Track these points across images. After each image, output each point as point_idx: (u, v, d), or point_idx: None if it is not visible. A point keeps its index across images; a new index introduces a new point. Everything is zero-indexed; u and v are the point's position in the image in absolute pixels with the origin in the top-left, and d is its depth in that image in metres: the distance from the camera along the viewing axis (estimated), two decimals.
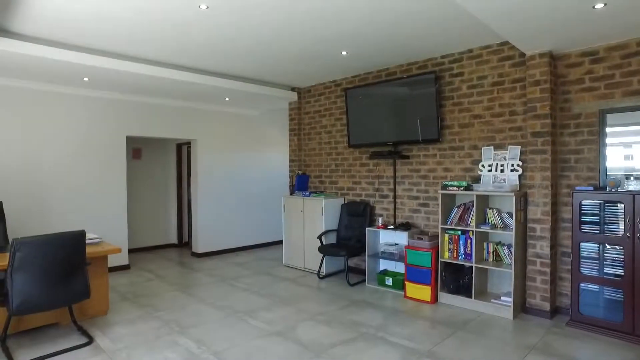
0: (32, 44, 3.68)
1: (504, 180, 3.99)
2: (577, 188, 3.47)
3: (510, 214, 3.80)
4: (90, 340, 3.21)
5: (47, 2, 2.96)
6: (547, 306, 3.67)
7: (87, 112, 5.31)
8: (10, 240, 4.04)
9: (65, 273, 3.03)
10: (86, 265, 3.19)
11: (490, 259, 3.99)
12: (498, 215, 3.94)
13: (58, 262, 2.97)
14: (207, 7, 3.08)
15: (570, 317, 3.53)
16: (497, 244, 3.96)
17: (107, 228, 5.44)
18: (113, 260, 5.39)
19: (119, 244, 5.49)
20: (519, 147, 3.92)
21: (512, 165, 3.95)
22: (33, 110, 4.88)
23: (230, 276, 5.27)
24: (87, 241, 3.51)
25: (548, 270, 3.66)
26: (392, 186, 5.00)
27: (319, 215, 5.31)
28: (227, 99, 6.08)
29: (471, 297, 3.91)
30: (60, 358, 2.96)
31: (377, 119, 4.92)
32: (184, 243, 7.52)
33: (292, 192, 5.98)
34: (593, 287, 3.44)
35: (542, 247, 3.70)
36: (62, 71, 4.31)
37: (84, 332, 3.34)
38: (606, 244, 3.36)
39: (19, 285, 2.81)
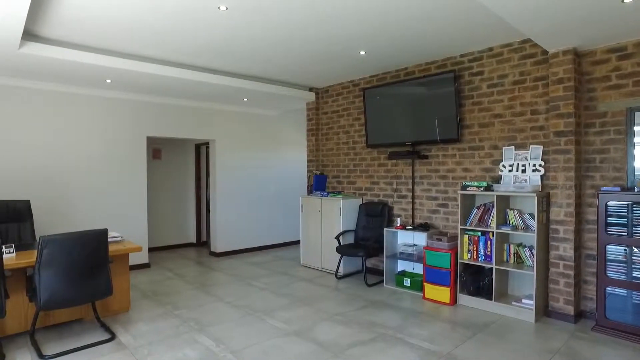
0: (59, 47, 3.79)
1: (526, 180, 3.90)
2: (603, 189, 3.37)
3: (531, 215, 3.72)
4: (113, 336, 3.29)
5: (72, 7, 3.04)
6: (571, 310, 3.58)
7: (109, 114, 5.44)
8: (37, 237, 4.19)
9: (89, 270, 3.11)
10: (109, 262, 3.26)
11: (511, 261, 3.91)
12: (519, 216, 3.85)
13: (82, 259, 3.05)
14: (227, 8, 3.12)
15: (595, 321, 3.43)
16: (519, 245, 3.88)
17: (128, 227, 5.56)
18: (134, 259, 5.51)
19: (139, 242, 5.62)
20: (541, 146, 3.83)
21: (534, 165, 3.86)
22: (57, 112, 5.02)
23: (248, 275, 5.31)
24: (109, 239, 3.59)
25: (572, 273, 3.57)
26: (410, 186, 4.96)
27: (336, 215, 5.30)
28: (245, 99, 6.14)
29: (491, 300, 3.84)
30: (85, 352, 3.04)
31: (396, 119, 4.88)
32: (202, 242, 7.63)
33: (309, 192, 5.99)
34: (620, 291, 3.34)
35: (565, 250, 3.60)
36: (86, 73, 4.43)
37: (107, 329, 3.43)
38: (634, 247, 3.25)
39: (46, 281, 2.90)
